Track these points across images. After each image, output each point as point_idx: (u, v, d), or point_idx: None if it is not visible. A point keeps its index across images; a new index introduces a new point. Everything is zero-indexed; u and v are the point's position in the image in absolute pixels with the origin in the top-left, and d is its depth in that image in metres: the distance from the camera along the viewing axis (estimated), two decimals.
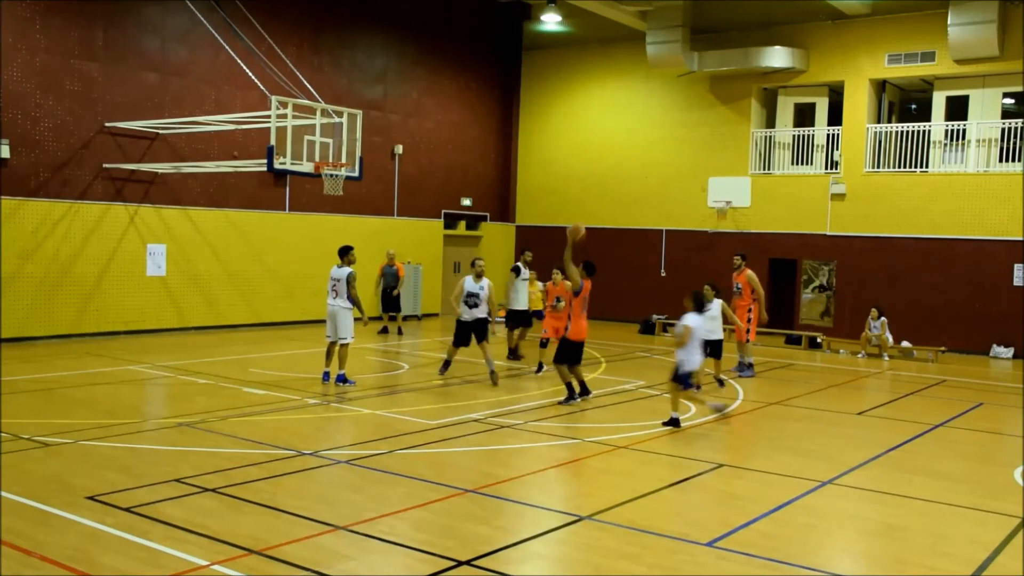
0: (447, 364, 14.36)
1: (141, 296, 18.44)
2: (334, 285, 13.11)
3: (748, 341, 15.79)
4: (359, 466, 8.76)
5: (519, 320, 16.62)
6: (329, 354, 13.32)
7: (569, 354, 12.28)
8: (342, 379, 13.09)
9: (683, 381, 11.01)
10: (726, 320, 14.72)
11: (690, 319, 11.01)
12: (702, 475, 8.95)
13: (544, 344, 14.91)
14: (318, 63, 21.49)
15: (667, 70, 23.75)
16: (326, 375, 13.33)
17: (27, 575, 5.81)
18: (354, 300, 13.11)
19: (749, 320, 15.60)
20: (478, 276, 14.12)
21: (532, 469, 8.99)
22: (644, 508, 7.78)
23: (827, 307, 22.48)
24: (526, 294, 16.63)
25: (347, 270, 13.12)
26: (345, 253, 13.28)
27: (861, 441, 10.87)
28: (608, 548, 6.70)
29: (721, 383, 14.20)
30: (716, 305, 13.95)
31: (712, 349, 13.67)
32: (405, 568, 6.21)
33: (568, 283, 12.59)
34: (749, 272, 15.73)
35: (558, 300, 14.48)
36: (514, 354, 16.32)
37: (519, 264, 16.89)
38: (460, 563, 6.22)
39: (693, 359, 11.03)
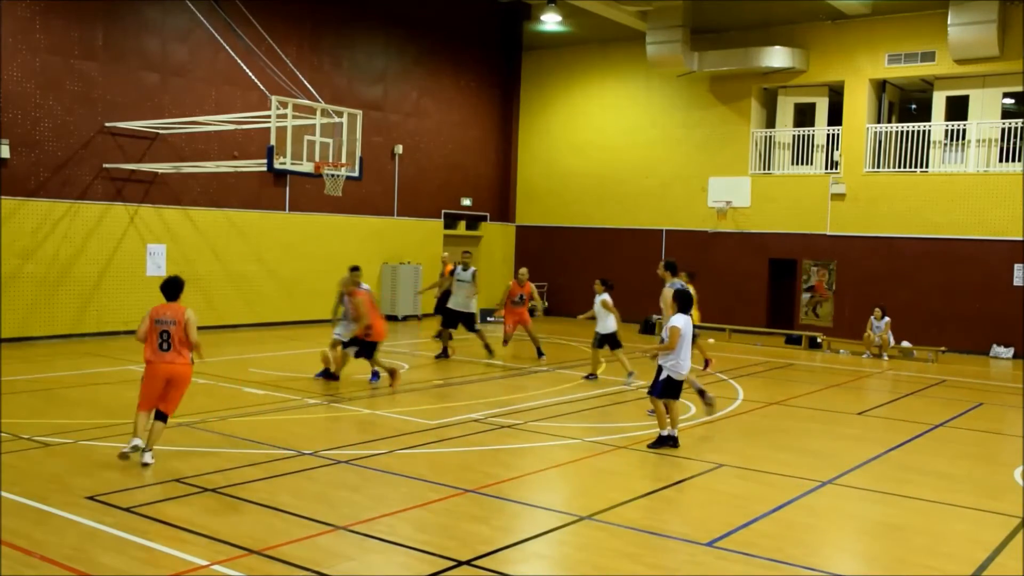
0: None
1: (141, 296, 18.40)
2: None
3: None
4: (359, 466, 8.76)
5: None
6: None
7: None
8: None
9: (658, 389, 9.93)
10: None
11: (678, 320, 9.91)
12: (702, 475, 8.95)
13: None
14: (318, 63, 21.49)
15: (667, 70, 23.75)
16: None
17: (27, 575, 5.81)
18: None
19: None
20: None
21: (532, 469, 8.99)
22: (644, 508, 7.78)
23: (813, 306, 22.48)
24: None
25: None
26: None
27: (861, 441, 10.87)
28: (608, 548, 6.70)
29: None
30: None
31: None
32: (405, 568, 6.21)
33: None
34: None
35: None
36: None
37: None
38: (460, 563, 6.22)
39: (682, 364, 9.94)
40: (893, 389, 15.61)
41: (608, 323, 14.52)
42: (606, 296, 14.53)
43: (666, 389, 9.94)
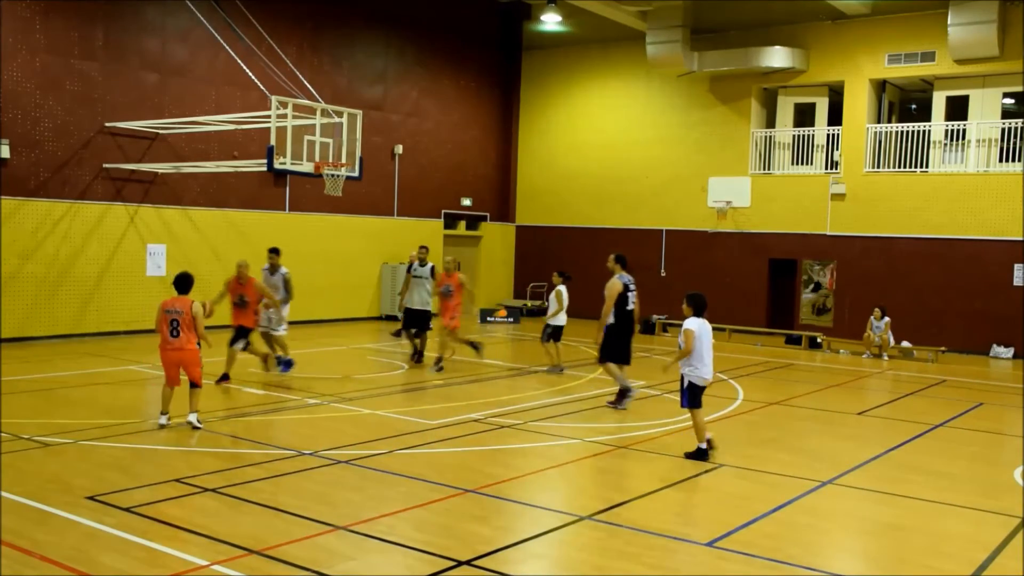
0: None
1: (141, 296, 18.41)
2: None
3: None
4: (359, 466, 8.76)
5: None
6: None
7: None
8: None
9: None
10: None
11: (692, 323, 9.57)
12: (702, 475, 8.95)
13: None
14: (318, 63, 21.48)
15: (667, 70, 23.75)
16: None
17: (27, 575, 5.81)
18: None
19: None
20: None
21: (532, 469, 8.99)
22: (644, 508, 7.78)
23: (822, 305, 22.47)
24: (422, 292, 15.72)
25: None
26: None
27: (861, 441, 10.88)
28: (608, 548, 6.70)
29: None
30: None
31: None
32: (405, 568, 6.21)
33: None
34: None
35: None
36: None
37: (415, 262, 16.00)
38: (460, 563, 6.22)
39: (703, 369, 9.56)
40: (893, 389, 15.60)
41: (559, 316, 15.08)
42: (560, 288, 15.08)
43: (692, 397, 9.53)
